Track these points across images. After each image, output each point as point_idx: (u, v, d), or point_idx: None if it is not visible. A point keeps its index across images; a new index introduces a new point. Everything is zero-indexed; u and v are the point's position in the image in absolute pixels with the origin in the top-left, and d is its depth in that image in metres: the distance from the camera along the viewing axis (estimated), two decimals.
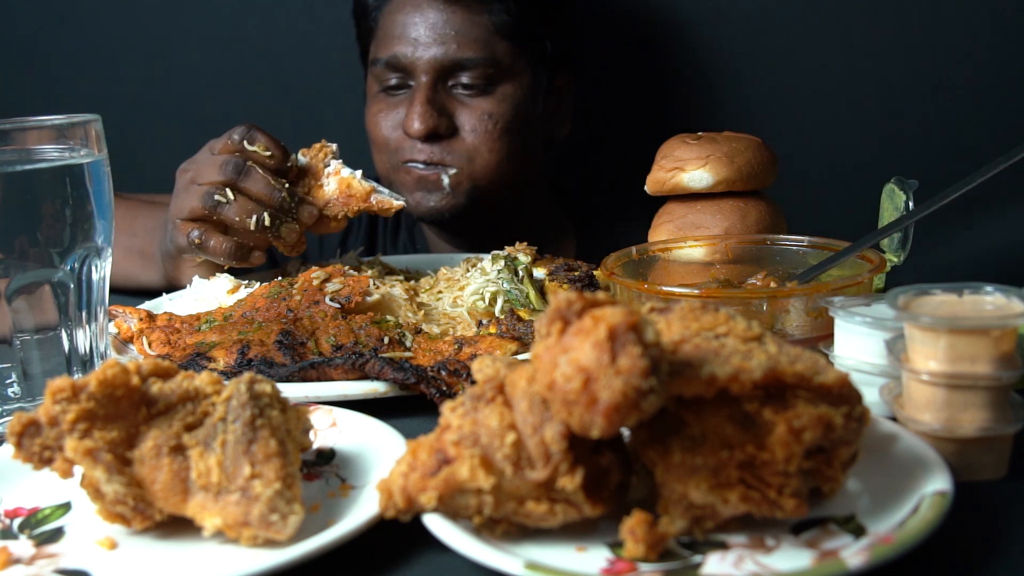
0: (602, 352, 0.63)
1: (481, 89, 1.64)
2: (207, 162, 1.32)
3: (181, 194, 1.33)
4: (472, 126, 1.64)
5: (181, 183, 1.35)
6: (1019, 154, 0.98)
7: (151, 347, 1.18)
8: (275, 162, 1.31)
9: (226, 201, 1.28)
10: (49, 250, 0.97)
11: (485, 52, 1.62)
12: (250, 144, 1.31)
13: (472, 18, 1.62)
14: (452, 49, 1.61)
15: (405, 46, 1.62)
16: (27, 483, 0.85)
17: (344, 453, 0.88)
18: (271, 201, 1.29)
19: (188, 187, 1.32)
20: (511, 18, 1.64)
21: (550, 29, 1.73)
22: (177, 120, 2.32)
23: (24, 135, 0.98)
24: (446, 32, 1.61)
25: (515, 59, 1.67)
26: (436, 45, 1.61)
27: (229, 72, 2.28)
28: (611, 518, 0.72)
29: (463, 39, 1.61)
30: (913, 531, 0.67)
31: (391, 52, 1.64)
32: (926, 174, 1.19)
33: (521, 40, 1.67)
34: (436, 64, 1.61)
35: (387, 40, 1.66)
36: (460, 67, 1.62)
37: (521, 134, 1.69)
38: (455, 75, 1.63)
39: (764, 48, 1.99)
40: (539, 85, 1.73)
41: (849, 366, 0.90)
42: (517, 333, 1.15)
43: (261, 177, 1.29)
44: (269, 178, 1.29)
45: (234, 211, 1.28)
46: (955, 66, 1.90)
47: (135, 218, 1.61)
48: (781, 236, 1.22)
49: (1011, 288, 0.81)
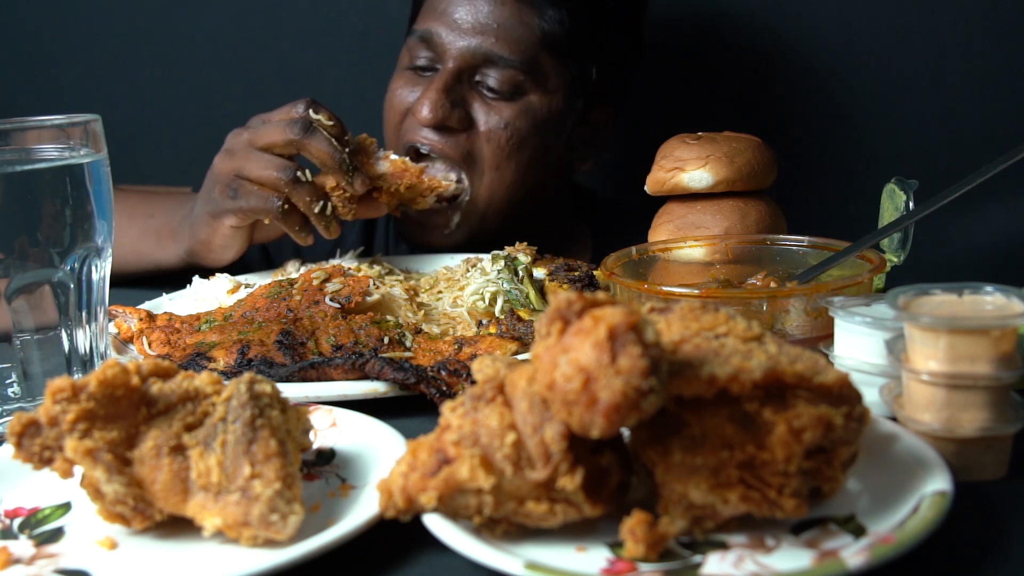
0: (602, 352, 0.63)
1: (506, 95, 1.53)
2: (266, 126, 1.37)
3: (240, 155, 1.36)
4: (486, 130, 1.53)
5: (234, 143, 1.39)
6: (1019, 154, 0.98)
7: (151, 347, 1.18)
8: (336, 129, 1.37)
9: (304, 180, 1.34)
10: (49, 250, 0.97)
11: (522, 56, 1.51)
12: (315, 113, 1.36)
13: (521, 16, 1.51)
14: (489, 43, 1.50)
15: (443, 25, 1.53)
16: (27, 483, 0.85)
17: (344, 453, 0.88)
18: (333, 161, 1.34)
19: (247, 150, 1.36)
20: (562, 30, 1.53)
21: (600, 55, 1.62)
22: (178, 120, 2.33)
23: (24, 135, 0.98)
24: (488, 23, 1.50)
25: (552, 74, 1.56)
26: (473, 34, 1.51)
27: (230, 72, 2.28)
28: (611, 518, 0.72)
29: (504, 35, 1.50)
30: (913, 531, 0.67)
31: (427, 27, 1.54)
32: (926, 174, 1.19)
33: (565, 57, 1.56)
34: (467, 53, 1.51)
35: (430, 13, 1.56)
36: (491, 63, 1.51)
37: (537, 155, 1.58)
38: (484, 71, 1.53)
39: (764, 48, 1.99)
40: (570, 110, 1.61)
41: (849, 366, 0.90)
42: (517, 333, 1.15)
43: (325, 138, 1.35)
44: (332, 140, 1.35)
45: (305, 192, 1.34)
46: (955, 65, 1.90)
47: (152, 202, 1.63)
48: (781, 236, 1.22)
49: (1011, 288, 0.81)
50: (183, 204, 1.55)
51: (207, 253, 1.46)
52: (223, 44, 2.28)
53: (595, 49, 1.61)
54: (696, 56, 2.03)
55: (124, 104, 2.31)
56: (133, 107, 2.31)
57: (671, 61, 2.04)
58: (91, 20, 2.34)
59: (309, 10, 2.21)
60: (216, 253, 1.46)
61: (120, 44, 2.34)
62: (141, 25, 2.32)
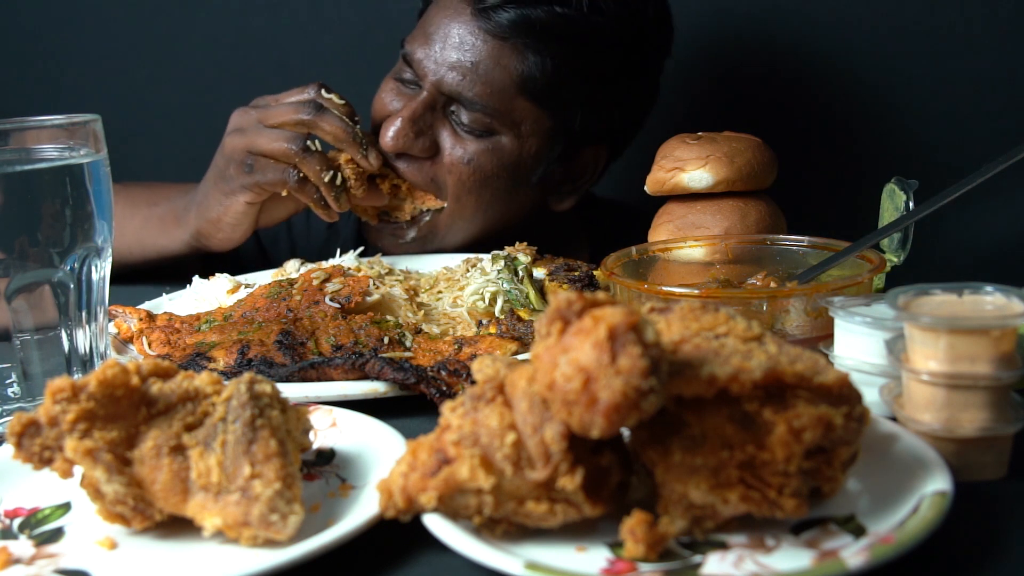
0: (602, 352, 0.63)
1: (476, 133, 1.48)
2: (276, 108, 1.41)
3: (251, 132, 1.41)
4: (449, 162, 1.48)
5: (242, 121, 1.43)
6: (1019, 154, 0.98)
7: (151, 347, 1.18)
8: (347, 110, 1.43)
9: (315, 150, 1.40)
10: (49, 250, 0.97)
11: (493, 101, 1.45)
12: (327, 93, 1.42)
13: (499, 58, 1.45)
14: (461, 82, 1.45)
15: (423, 50, 1.49)
16: (27, 483, 0.85)
17: (344, 453, 0.88)
18: (346, 135, 1.40)
19: (257, 127, 1.40)
20: (542, 77, 1.46)
21: (588, 103, 1.54)
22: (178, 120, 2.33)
23: (24, 135, 0.98)
24: (464, 60, 1.45)
25: (527, 120, 1.49)
26: (448, 68, 1.46)
27: (229, 72, 2.28)
28: (611, 518, 0.72)
29: (478, 77, 1.45)
30: (913, 531, 0.67)
31: (412, 48, 1.51)
32: (926, 174, 1.19)
33: (544, 104, 1.49)
34: (440, 87, 1.47)
35: (418, 32, 1.52)
36: (461, 103, 1.47)
37: (500, 195, 1.53)
38: (456, 105, 1.48)
39: (764, 48, 1.99)
40: (544, 157, 1.55)
41: (849, 366, 0.90)
42: (517, 333, 1.15)
43: (336, 116, 1.40)
44: (343, 117, 1.41)
45: (316, 162, 1.39)
46: (955, 65, 1.90)
47: (155, 191, 1.65)
48: (781, 236, 1.22)
49: (1011, 288, 0.81)
50: (186, 191, 1.57)
51: (215, 233, 1.49)
52: (223, 44, 2.28)
53: (581, 98, 1.53)
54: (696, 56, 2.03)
55: (124, 104, 2.31)
56: (133, 107, 2.31)
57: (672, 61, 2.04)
58: (91, 20, 2.33)
59: (309, 10, 2.21)
60: (225, 232, 1.49)
61: (120, 44, 2.34)
62: (141, 25, 2.32)
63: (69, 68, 2.37)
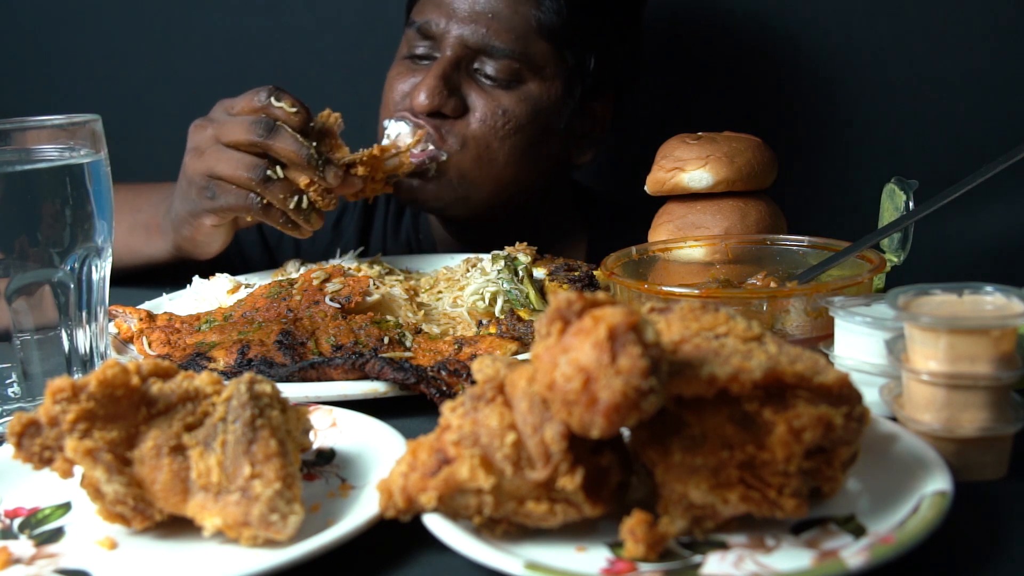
0: (602, 352, 0.63)
1: (503, 83, 1.55)
2: (230, 121, 1.33)
3: (209, 153, 1.33)
4: (483, 116, 1.54)
5: (200, 140, 1.36)
6: (1019, 154, 0.98)
7: (151, 347, 1.18)
8: (299, 119, 1.32)
9: (276, 178, 1.31)
10: (49, 250, 0.97)
11: (518, 46, 1.53)
12: (277, 101, 1.32)
13: (516, 5, 1.53)
14: (484, 32, 1.52)
15: (440, 15, 1.55)
16: (27, 483, 0.85)
17: (344, 453, 0.88)
18: (300, 159, 1.30)
19: (216, 147, 1.33)
20: (558, 19, 1.54)
21: (598, 45, 1.63)
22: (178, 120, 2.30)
23: (24, 135, 0.98)
24: (484, 12, 1.52)
25: (549, 63, 1.57)
26: (469, 23, 1.52)
27: (230, 72, 2.28)
28: (611, 518, 0.72)
29: (499, 25, 1.52)
30: (913, 531, 0.67)
31: (426, 17, 1.56)
32: (926, 174, 1.19)
33: (562, 45, 1.57)
34: (463, 42, 1.53)
35: (427, 3, 1.58)
36: (486, 52, 1.53)
37: (534, 143, 1.59)
38: (480, 60, 1.54)
39: (764, 48, 1.99)
40: (568, 99, 1.62)
41: (849, 366, 0.90)
42: (517, 333, 1.15)
43: (290, 135, 1.30)
44: (298, 136, 1.31)
45: (278, 189, 1.31)
46: (955, 66, 1.90)
47: (138, 195, 1.61)
48: (781, 236, 1.22)
49: (1011, 288, 0.81)
50: (166, 195, 1.53)
51: (193, 248, 1.46)
52: (222, 44, 2.28)
53: (593, 40, 1.61)
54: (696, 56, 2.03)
55: (124, 104, 2.31)
56: (133, 107, 2.31)
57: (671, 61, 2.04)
58: (90, 20, 2.33)
59: (308, 9, 2.21)
60: (202, 248, 1.46)
61: (119, 44, 2.34)
62: (140, 25, 2.32)
63: (69, 68, 2.37)
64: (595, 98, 1.68)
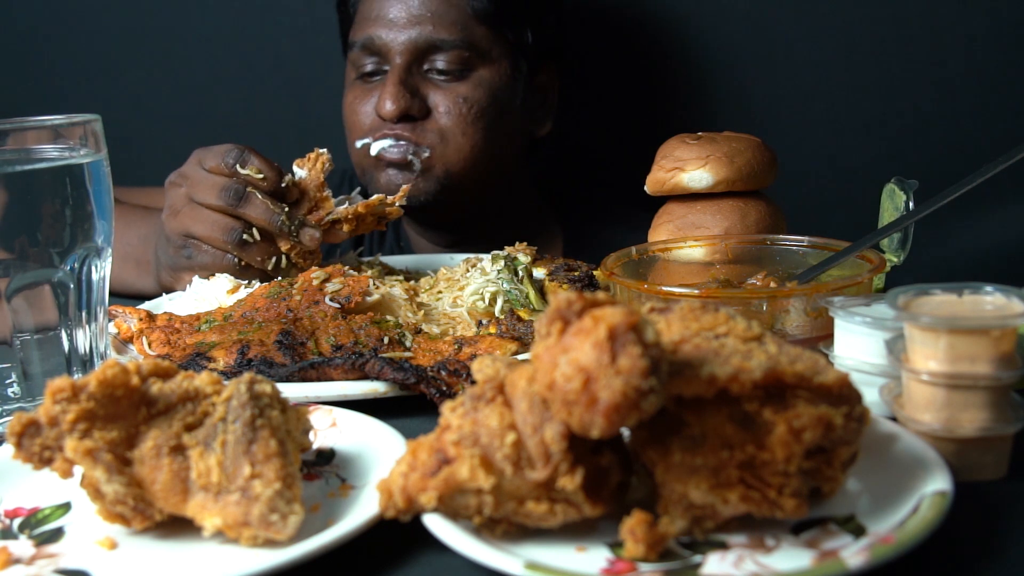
0: (602, 352, 0.63)
1: (456, 74, 1.63)
2: (203, 181, 1.31)
3: (184, 213, 1.32)
4: (446, 108, 1.62)
5: (176, 198, 1.34)
6: (1019, 154, 0.98)
7: (151, 347, 1.18)
8: (269, 184, 1.31)
9: (252, 241, 1.30)
10: (49, 250, 0.97)
11: (462, 35, 1.62)
12: (242, 167, 1.30)
13: (449, 0, 1.62)
14: (428, 31, 1.60)
15: (380, 28, 1.62)
16: (27, 483, 0.85)
17: (344, 453, 0.88)
18: (271, 227, 1.30)
19: (191, 207, 1.31)
20: (492, 3, 1.63)
21: (531, 19, 1.72)
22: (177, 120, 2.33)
23: (24, 135, 0.98)
24: (422, 14, 1.61)
25: (493, 45, 1.66)
26: (411, 27, 1.61)
27: (229, 72, 2.28)
28: (611, 518, 0.72)
29: (439, 21, 1.61)
30: (913, 531, 0.67)
31: (367, 34, 1.64)
32: (926, 174, 1.19)
33: (500, 27, 1.66)
34: (411, 45, 1.61)
35: (364, 23, 1.66)
36: (435, 49, 1.61)
37: (497, 122, 1.67)
38: (430, 58, 1.63)
39: (764, 48, 1.99)
40: (518, 75, 1.71)
41: (849, 366, 0.90)
42: (517, 333, 1.15)
43: (260, 202, 1.29)
44: (268, 203, 1.30)
45: (255, 252, 1.31)
46: (955, 66, 1.90)
47: (129, 225, 1.60)
48: (781, 236, 1.22)
49: (1011, 288, 0.81)
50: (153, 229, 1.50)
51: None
52: (222, 44, 2.28)
53: (526, 15, 1.70)
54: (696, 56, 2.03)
55: (124, 104, 2.31)
56: (133, 107, 2.31)
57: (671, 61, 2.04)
58: (90, 20, 2.33)
59: (306, 10, 2.21)
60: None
61: (119, 44, 2.33)
62: (140, 25, 2.32)
63: (69, 68, 2.37)
64: (539, 70, 1.77)
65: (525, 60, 1.72)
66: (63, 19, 2.35)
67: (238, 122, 2.27)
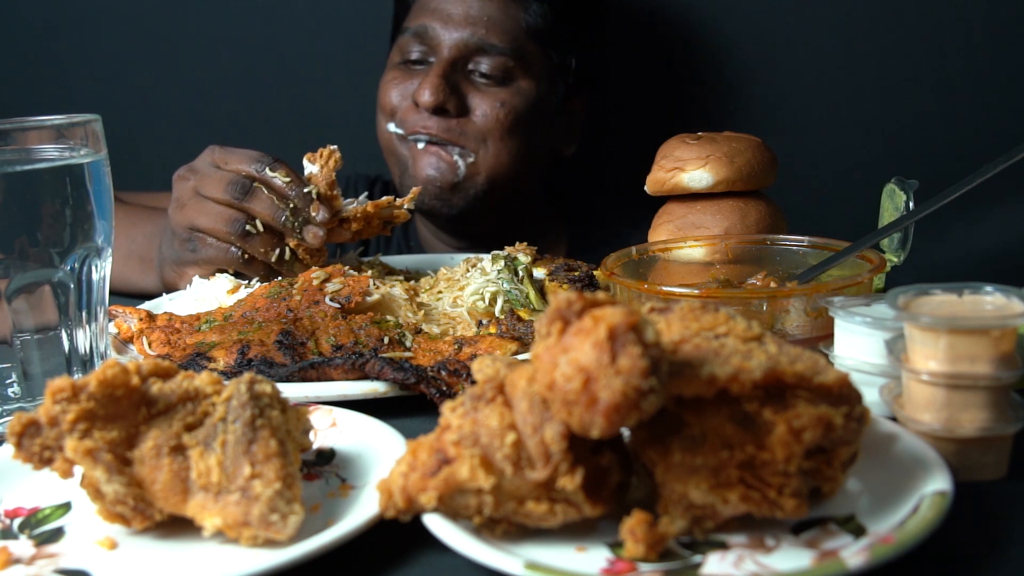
0: (602, 352, 0.63)
1: (498, 80, 1.66)
2: (211, 175, 1.32)
3: (190, 206, 1.33)
4: (484, 111, 1.65)
5: (183, 191, 1.35)
6: (1019, 154, 0.98)
7: (151, 347, 1.18)
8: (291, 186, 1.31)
9: (255, 232, 1.30)
10: (49, 250, 0.97)
11: (511, 44, 1.65)
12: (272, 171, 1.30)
13: (507, 10, 1.66)
14: (480, 33, 1.64)
15: (436, 20, 1.66)
16: (27, 483, 0.85)
17: (344, 453, 0.88)
18: (275, 223, 1.30)
19: (196, 200, 1.32)
20: (544, 23, 1.68)
21: (577, 46, 1.76)
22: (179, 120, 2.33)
23: (24, 135, 0.98)
24: (478, 16, 1.65)
25: (537, 62, 1.69)
26: (466, 26, 1.65)
27: (231, 72, 2.28)
28: (611, 518, 0.72)
29: (493, 26, 1.65)
30: (913, 531, 0.67)
31: (422, 23, 1.67)
32: (926, 174, 1.19)
33: (547, 46, 1.70)
34: (461, 43, 1.65)
35: (420, 12, 1.70)
36: (483, 52, 1.65)
37: (530, 134, 1.70)
38: (476, 60, 1.66)
39: (764, 48, 1.99)
40: (554, 95, 1.75)
41: (849, 366, 0.90)
42: (517, 333, 1.15)
43: (266, 198, 1.30)
44: (274, 199, 1.30)
45: (259, 243, 1.31)
46: (955, 66, 1.90)
47: (134, 224, 1.60)
48: (781, 236, 1.22)
49: (1011, 288, 0.81)
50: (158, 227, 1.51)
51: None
52: (223, 44, 2.28)
53: (574, 41, 1.75)
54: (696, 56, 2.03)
55: (124, 104, 2.31)
56: (133, 107, 2.31)
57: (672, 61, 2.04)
58: (92, 20, 2.33)
59: (309, 10, 2.21)
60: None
61: (120, 44, 2.33)
62: (141, 25, 2.32)
63: (69, 68, 2.37)
64: (574, 95, 1.81)
65: (563, 83, 1.77)
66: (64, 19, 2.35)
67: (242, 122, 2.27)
